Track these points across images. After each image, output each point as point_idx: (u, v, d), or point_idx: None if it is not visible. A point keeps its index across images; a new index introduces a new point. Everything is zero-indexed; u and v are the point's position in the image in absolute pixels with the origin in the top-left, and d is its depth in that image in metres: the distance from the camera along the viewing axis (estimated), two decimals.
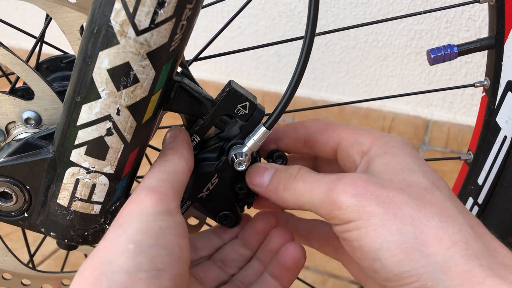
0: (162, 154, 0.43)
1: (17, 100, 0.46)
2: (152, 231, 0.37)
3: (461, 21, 1.37)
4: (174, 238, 0.38)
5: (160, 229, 0.37)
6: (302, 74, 0.43)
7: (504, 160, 0.58)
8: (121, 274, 0.34)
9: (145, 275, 0.35)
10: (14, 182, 0.43)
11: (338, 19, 1.48)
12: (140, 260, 0.35)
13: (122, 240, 0.36)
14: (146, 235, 0.37)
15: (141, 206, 0.38)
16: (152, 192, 0.39)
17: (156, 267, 0.35)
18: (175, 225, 0.38)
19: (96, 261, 0.36)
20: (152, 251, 0.36)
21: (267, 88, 1.66)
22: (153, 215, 0.38)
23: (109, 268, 0.35)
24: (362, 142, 0.44)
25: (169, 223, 0.38)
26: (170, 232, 0.38)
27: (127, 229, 0.37)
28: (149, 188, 0.40)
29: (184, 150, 0.43)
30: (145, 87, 0.39)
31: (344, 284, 1.03)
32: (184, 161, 0.43)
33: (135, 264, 0.35)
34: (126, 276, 0.34)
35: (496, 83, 0.56)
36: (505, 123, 0.56)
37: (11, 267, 0.56)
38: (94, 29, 0.37)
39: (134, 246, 0.36)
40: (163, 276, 0.35)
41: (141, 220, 0.37)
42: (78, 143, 0.41)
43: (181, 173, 0.42)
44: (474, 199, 0.62)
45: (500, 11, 0.54)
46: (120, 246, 0.36)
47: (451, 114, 1.50)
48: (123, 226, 0.37)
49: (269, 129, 0.45)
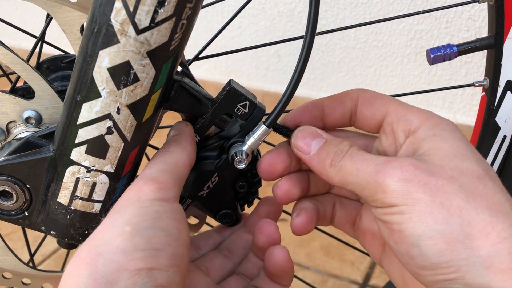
0: (166, 145, 0.43)
1: (17, 100, 0.46)
2: (148, 215, 0.37)
3: (461, 21, 1.37)
4: (171, 221, 0.38)
5: (156, 213, 0.37)
6: (302, 72, 0.43)
7: (503, 159, 0.58)
8: (118, 254, 0.34)
9: (142, 254, 0.35)
10: (14, 181, 0.44)
11: (338, 19, 1.48)
12: (137, 241, 0.35)
13: (119, 223, 0.36)
14: (142, 218, 0.37)
15: (139, 194, 0.38)
16: (150, 181, 0.39)
17: (153, 247, 0.35)
18: (172, 210, 0.38)
19: (92, 244, 0.36)
20: (149, 232, 0.36)
21: (267, 88, 1.66)
22: (150, 201, 0.38)
23: (106, 248, 0.35)
24: (410, 119, 0.42)
25: (166, 208, 0.38)
26: (167, 216, 0.38)
27: (123, 214, 0.37)
28: (148, 177, 0.40)
29: (187, 143, 0.44)
30: (145, 86, 0.40)
31: (344, 284, 1.03)
32: (186, 154, 0.43)
33: (132, 244, 0.35)
34: (123, 255, 0.34)
35: (496, 83, 0.56)
36: (504, 123, 0.57)
37: (11, 266, 0.56)
38: (95, 28, 0.37)
39: (131, 228, 0.36)
40: (161, 255, 0.35)
41: (138, 206, 0.38)
42: (78, 142, 0.41)
43: (182, 166, 0.42)
44: None
45: (499, 11, 0.54)
46: (116, 228, 0.36)
47: (451, 114, 1.50)
48: (120, 212, 0.38)
49: (269, 127, 0.45)
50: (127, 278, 0.34)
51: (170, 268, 0.36)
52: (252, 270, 0.49)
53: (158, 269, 0.35)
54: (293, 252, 1.07)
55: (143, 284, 0.34)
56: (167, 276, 0.35)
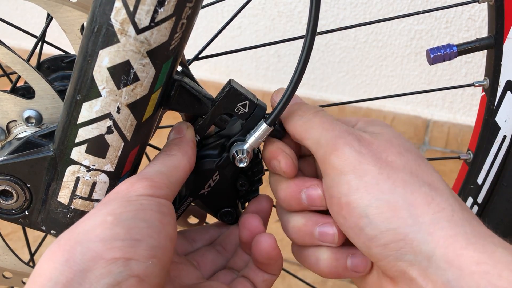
0: (167, 149, 0.44)
1: (18, 99, 0.46)
2: (132, 206, 0.37)
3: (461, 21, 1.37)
4: (154, 214, 0.38)
5: (141, 205, 0.37)
6: (303, 71, 0.43)
7: (503, 160, 0.58)
8: (97, 243, 0.34)
9: (121, 243, 0.35)
10: (15, 180, 0.44)
11: (338, 19, 1.48)
12: (117, 230, 0.35)
13: (102, 213, 0.36)
14: (126, 209, 0.37)
15: (129, 188, 0.39)
16: (143, 179, 0.39)
17: (133, 237, 0.35)
18: (157, 204, 0.38)
19: (73, 232, 0.36)
20: (130, 222, 0.36)
21: (267, 88, 1.66)
22: (136, 196, 0.38)
23: (85, 237, 0.35)
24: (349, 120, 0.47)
25: (151, 202, 0.38)
26: (151, 208, 0.38)
27: (108, 205, 0.37)
28: (144, 175, 0.40)
29: (189, 148, 0.44)
30: (145, 86, 0.40)
31: (344, 284, 1.02)
32: (187, 159, 0.43)
33: (112, 234, 0.35)
34: (101, 244, 0.34)
35: (496, 83, 0.56)
36: (504, 123, 0.57)
37: (11, 266, 0.56)
38: (95, 28, 0.38)
39: (113, 218, 0.36)
40: (140, 246, 0.35)
41: (124, 199, 0.38)
42: (78, 141, 0.41)
43: (181, 170, 0.42)
44: (473, 199, 0.62)
45: (499, 11, 0.54)
46: (98, 217, 0.36)
47: (451, 114, 1.50)
48: (106, 203, 0.38)
49: (270, 126, 0.45)
50: (103, 266, 0.34)
51: (149, 259, 0.36)
52: (240, 264, 0.49)
53: (136, 259, 0.35)
54: None
55: (118, 273, 0.34)
56: (145, 267, 0.35)
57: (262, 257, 0.45)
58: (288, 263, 1.07)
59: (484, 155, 0.59)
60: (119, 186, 0.39)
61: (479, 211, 0.61)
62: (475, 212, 0.62)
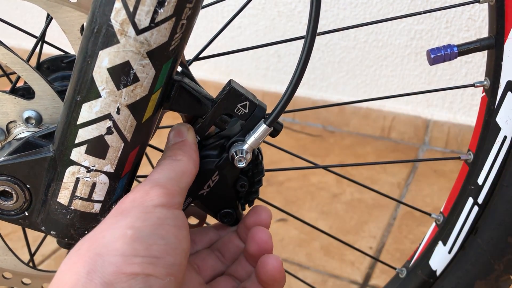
0: (172, 153, 0.44)
1: (17, 100, 0.46)
2: (150, 220, 0.38)
3: (461, 21, 1.37)
4: (172, 229, 0.38)
5: (158, 219, 0.38)
6: (303, 71, 0.43)
7: (504, 160, 0.58)
8: (117, 257, 0.35)
9: (141, 260, 0.35)
10: (14, 181, 0.44)
11: (338, 19, 1.48)
12: (136, 246, 0.36)
13: (121, 225, 0.37)
14: (144, 223, 0.37)
15: (145, 197, 0.39)
16: (158, 186, 0.40)
17: (152, 255, 0.36)
18: (173, 217, 0.39)
19: (93, 242, 0.37)
20: (150, 239, 0.37)
21: (267, 88, 1.66)
22: (153, 207, 0.39)
23: (106, 249, 0.36)
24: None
25: (167, 215, 0.39)
26: (168, 223, 0.38)
27: (126, 216, 0.38)
28: (156, 182, 0.40)
29: (193, 152, 0.44)
30: (145, 86, 0.40)
31: (344, 284, 1.03)
32: (193, 163, 0.44)
33: (132, 249, 0.36)
34: (122, 259, 0.35)
35: (496, 83, 0.56)
36: (505, 123, 0.56)
37: (11, 266, 0.56)
38: (95, 28, 0.37)
39: (132, 233, 0.36)
40: (158, 264, 0.36)
41: (141, 210, 0.38)
42: (78, 142, 0.41)
43: (189, 175, 0.43)
44: (474, 199, 0.62)
45: (500, 11, 0.54)
46: (118, 230, 0.37)
47: (451, 114, 1.50)
48: (123, 213, 0.38)
49: (269, 126, 0.45)
50: (124, 281, 0.34)
51: (167, 276, 0.37)
52: (241, 273, 0.49)
53: (155, 276, 0.36)
54: (293, 252, 1.07)
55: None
56: (163, 284, 0.36)
57: (267, 278, 0.45)
58: (288, 263, 1.07)
59: (484, 156, 0.59)
60: (134, 193, 0.40)
61: (480, 212, 0.61)
62: (475, 213, 0.62)
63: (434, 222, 0.67)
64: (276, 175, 1.36)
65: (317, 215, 1.21)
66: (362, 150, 1.52)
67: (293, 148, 1.51)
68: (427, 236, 0.68)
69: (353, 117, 1.59)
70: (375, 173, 1.39)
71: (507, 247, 0.61)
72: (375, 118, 1.57)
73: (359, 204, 1.26)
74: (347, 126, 1.61)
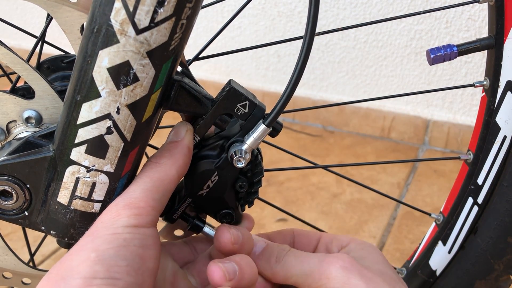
0: (158, 155, 0.44)
1: (18, 99, 0.46)
2: (116, 242, 0.38)
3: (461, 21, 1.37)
4: (137, 250, 0.39)
5: (124, 241, 0.39)
6: (302, 71, 0.43)
7: (503, 160, 0.58)
8: (78, 280, 0.36)
9: (100, 281, 0.36)
10: (14, 181, 0.44)
11: (338, 19, 1.48)
12: (97, 268, 0.37)
13: (87, 248, 0.38)
14: (109, 245, 0.38)
15: (115, 218, 0.40)
16: (129, 206, 0.40)
17: (111, 276, 0.37)
18: (141, 237, 0.40)
19: (62, 265, 0.38)
20: (111, 261, 0.37)
21: (267, 88, 1.67)
22: (122, 228, 0.39)
23: (69, 273, 0.37)
24: (341, 239, 0.52)
25: (135, 236, 0.39)
26: (135, 244, 0.39)
27: (94, 239, 0.39)
28: (129, 198, 0.41)
29: (180, 155, 0.44)
30: (145, 86, 0.40)
31: None
32: (176, 168, 0.43)
33: (92, 272, 0.37)
34: (82, 281, 0.36)
35: (496, 83, 0.56)
36: (504, 123, 0.57)
37: (11, 266, 0.56)
38: (94, 28, 0.37)
39: (95, 255, 0.37)
40: (117, 284, 0.37)
41: (110, 232, 0.39)
42: (78, 141, 0.41)
43: (168, 182, 0.43)
44: (474, 199, 0.62)
45: (499, 11, 0.54)
46: (84, 253, 0.38)
47: (451, 114, 1.50)
48: (92, 235, 0.39)
49: (268, 126, 0.45)
50: None
51: None
52: None
53: None
54: None
55: None
56: None
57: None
58: None
59: (484, 156, 0.59)
60: (105, 215, 0.40)
61: (479, 212, 0.61)
62: (475, 213, 0.62)
63: (434, 222, 0.67)
64: (276, 175, 1.36)
65: (317, 215, 1.21)
66: (362, 150, 1.52)
67: (293, 148, 1.51)
68: (427, 236, 0.68)
69: (353, 117, 1.59)
70: (375, 173, 1.39)
71: (507, 247, 0.61)
72: (375, 118, 1.57)
73: (359, 204, 1.26)
74: (347, 126, 1.61)
